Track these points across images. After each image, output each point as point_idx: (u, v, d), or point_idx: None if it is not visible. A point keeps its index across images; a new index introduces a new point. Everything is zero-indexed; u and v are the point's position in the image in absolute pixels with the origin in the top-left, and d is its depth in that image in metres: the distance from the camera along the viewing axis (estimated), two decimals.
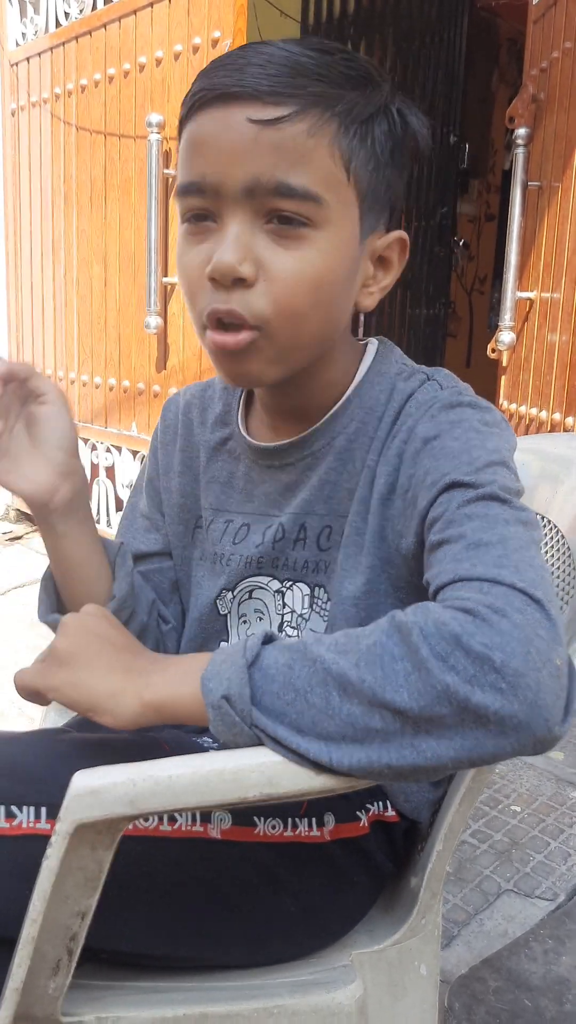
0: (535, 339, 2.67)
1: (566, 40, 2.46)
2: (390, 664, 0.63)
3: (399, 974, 0.91)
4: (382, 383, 0.90)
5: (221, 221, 0.79)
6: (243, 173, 0.77)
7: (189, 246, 0.82)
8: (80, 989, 0.77)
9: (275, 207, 0.77)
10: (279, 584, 0.94)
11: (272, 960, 0.86)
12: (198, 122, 0.80)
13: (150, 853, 0.78)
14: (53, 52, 3.45)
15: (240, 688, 0.66)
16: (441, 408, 0.84)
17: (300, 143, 0.77)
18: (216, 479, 1.00)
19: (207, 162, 0.78)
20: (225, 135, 0.77)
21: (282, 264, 0.78)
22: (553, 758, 2.15)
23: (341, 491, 0.90)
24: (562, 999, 1.41)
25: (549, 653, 0.61)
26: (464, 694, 0.60)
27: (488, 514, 0.72)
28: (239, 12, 2.73)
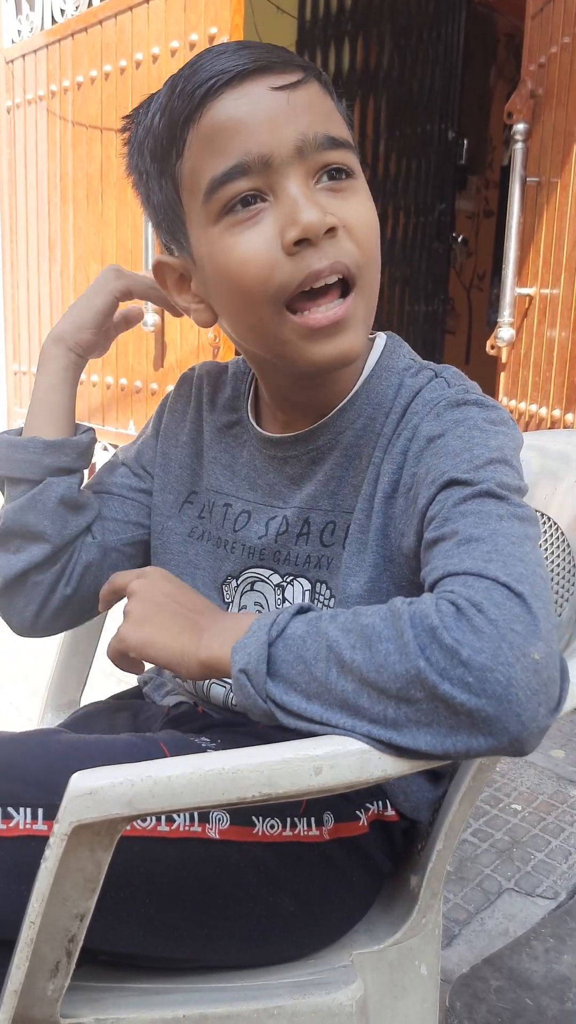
0: (534, 335, 2.66)
1: (564, 35, 2.46)
2: (377, 644, 0.66)
3: (400, 974, 0.91)
4: (390, 378, 0.90)
5: (275, 194, 0.79)
6: (290, 135, 0.78)
7: (240, 234, 0.80)
8: (79, 991, 0.77)
9: (325, 161, 0.80)
10: (280, 579, 0.93)
11: (272, 960, 0.85)
12: (218, 108, 0.79)
13: (148, 854, 0.77)
14: (49, 49, 3.45)
15: (258, 664, 0.70)
16: (447, 406, 0.84)
17: (321, 100, 0.82)
18: (218, 461, 1.00)
19: (247, 138, 0.78)
20: (259, 107, 0.78)
21: (350, 211, 0.80)
22: (554, 756, 2.14)
23: (347, 487, 0.89)
24: (564, 998, 1.40)
25: (525, 648, 0.62)
26: (433, 682, 0.62)
27: (482, 511, 0.73)
28: (236, 8, 2.72)
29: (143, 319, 1.00)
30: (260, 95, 0.79)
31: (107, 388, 3.42)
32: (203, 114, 0.80)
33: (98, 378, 3.46)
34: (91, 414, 3.52)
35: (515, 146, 2.60)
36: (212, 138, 0.79)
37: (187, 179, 0.83)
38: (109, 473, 1.07)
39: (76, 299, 1.01)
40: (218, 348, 2.91)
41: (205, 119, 0.80)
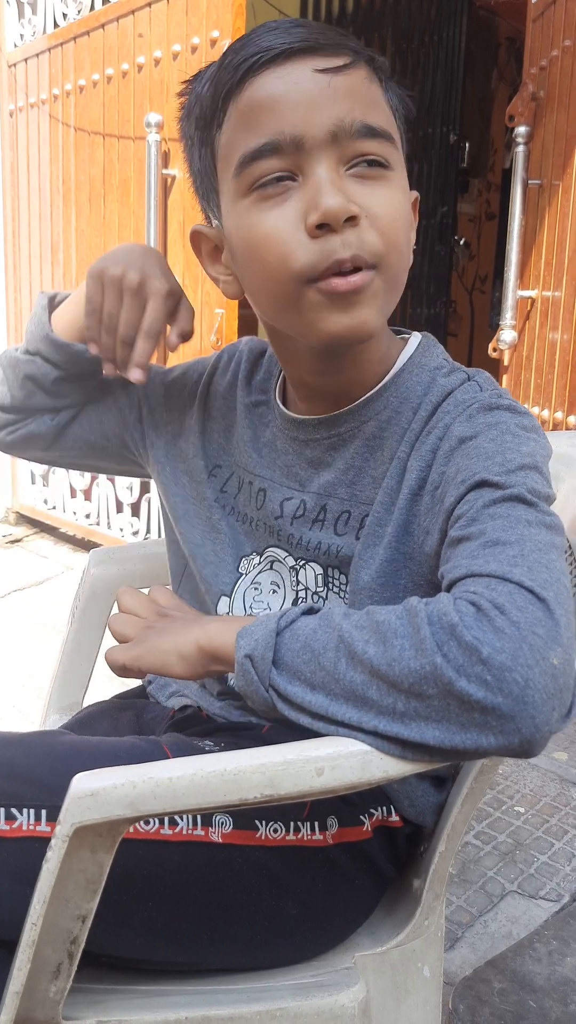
0: (536, 338, 2.66)
1: (565, 38, 2.46)
2: (392, 640, 0.66)
3: (402, 976, 0.90)
4: (421, 375, 0.90)
5: (304, 175, 0.79)
6: (326, 119, 0.78)
7: (267, 211, 0.80)
8: (81, 993, 0.77)
9: (360, 150, 0.80)
10: (293, 561, 0.94)
11: (274, 963, 0.85)
12: (256, 85, 0.79)
13: (151, 857, 0.77)
14: (51, 53, 3.45)
15: (264, 651, 0.70)
16: (479, 409, 0.84)
17: (366, 88, 0.81)
18: (243, 437, 1.01)
19: (281, 117, 0.78)
20: (298, 88, 0.78)
21: (378, 201, 0.80)
22: (557, 759, 2.14)
23: (366, 478, 0.89)
24: (567, 1000, 1.40)
25: (545, 651, 0.62)
26: (449, 678, 0.62)
27: (511, 515, 0.72)
28: (238, 12, 2.73)
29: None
30: (302, 75, 0.78)
31: None
32: (244, 88, 0.80)
33: None
34: None
35: (517, 149, 2.60)
36: (249, 113, 0.80)
37: (223, 150, 0.83)
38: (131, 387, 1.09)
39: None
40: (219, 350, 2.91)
41: (245, 93, 0.80)
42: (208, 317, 2.95)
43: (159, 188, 2.97)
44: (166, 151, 2.98)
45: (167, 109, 2.95)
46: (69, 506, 3.73)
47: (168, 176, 2.99)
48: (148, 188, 2.96)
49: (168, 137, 2.96)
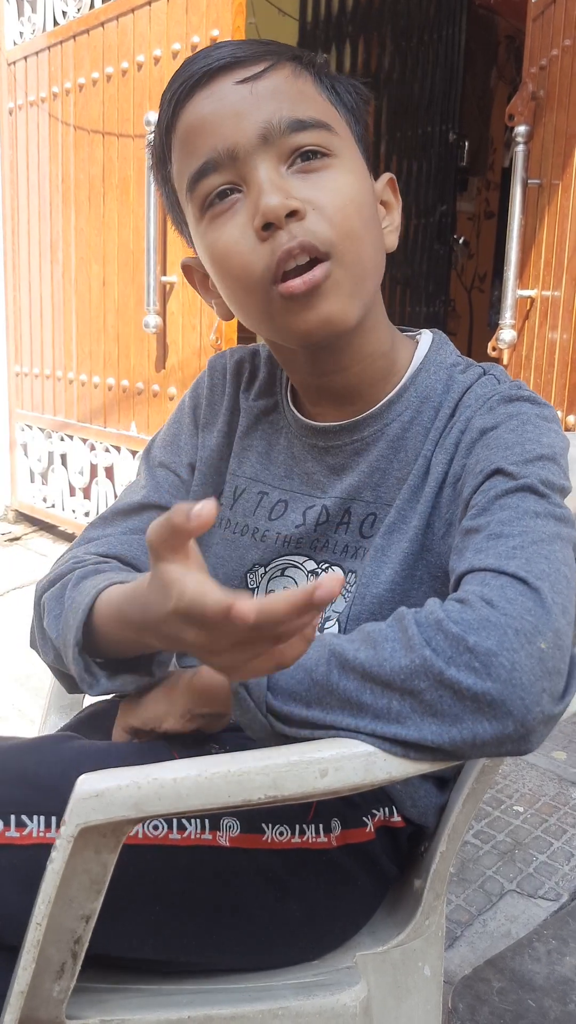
0: (536, 337, 2.66)
1: (565, 38, 2.46)
2: (382, 643, 0.68)
3: (403, 975, 0.91)
4: (439, 373, 0.91)
5: (247, 183, 0.81)
6: (253, 124, 0.79)
7: (222, 226, 0.82)
8: (84, 992, 0.77)
9: (295, 145, 0.80)
10: (315, 565, 0.93)
11: (277, 964, 0.86)
12: (188, 111, 0.82)
13: (159, 861, 0.77)
14: (51, 51, 3.45)
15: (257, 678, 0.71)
16: (500, 401, 0.85)
17: (291, 84, 0.82)
18: (252, 448, 0.99)
19: (213, 136, 0.80)
20: (223, 103, 0.80)
21: (321, 191, 0.81)
22: (555, 758, 2.14)
23: (390, 479, 0.90)
24: (566, 999, 1.41)
25: (532, 636, 0.64)
26: (439, 668, 0.64)
27: (520, 506, 0.74)
28: (237, 10, 2.73)
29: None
30: (225, 91, 0.80)
31: (108, 389, 3.42)
32: (179, 119, 0.83)
33: (99, 379, 3.46)
34: (92, 415, 3.53)
35: (516, 148, 2.60)
36: (186, 139, 0.83)
37: (177, 181, 0.87)
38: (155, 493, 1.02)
39: None
40: (219, 350, 2.91)
41: (181, 123, 0.83)
42: (207, 315, 2.95)
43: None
44: None
45: None
46: (68, 504, 3.73)
47: None
48: (147, 186, 2.96)
49: None
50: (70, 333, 3.59)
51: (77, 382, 3.59)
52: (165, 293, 3.08)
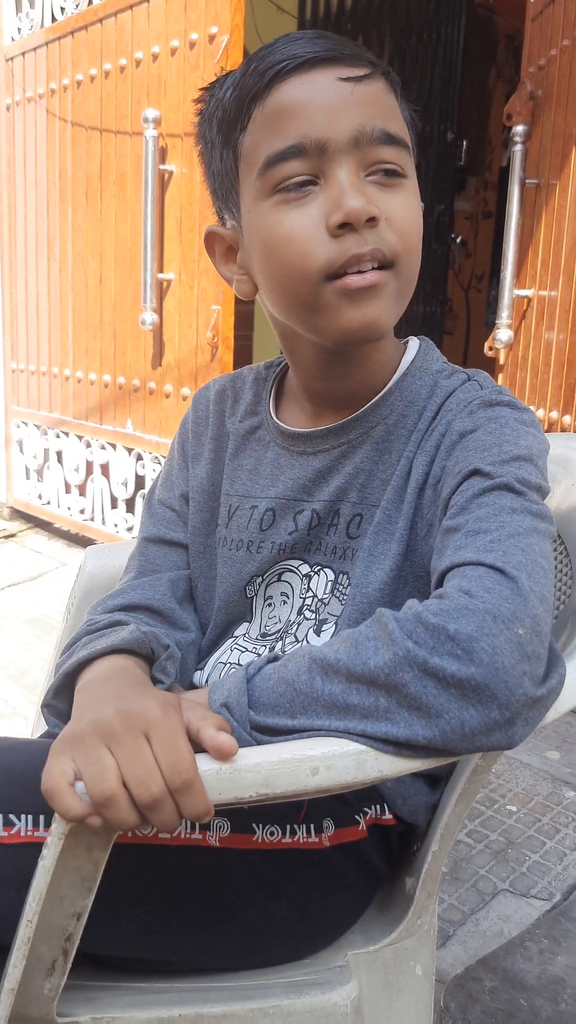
0: (532, 337, 2.66)
1: (564, 38, 2.46)
2: (363, 643, 0.69)
3: (394, 974, 0.91)
4: (424, 378, 0.93)
5: (326, 179, 0.81)
6: (348, 125, 0.80)
7: (288, 211, 0.82)
8: (75, 990, 0.77)
9: (379, 157, 0.82)
10: (308, 568, 0.94)
11: (267, 963, 0.86)
12: (283, 90, 0.82)
13: (149, 861, 0.77)
14: (49, 47, 3.44)
15: (239, 696, 0.71)
16: (480, 405, 0.87)
17: (385, 97, 0.84)
18: (243, 467, 1.01)
19: (306, 122, 0.81)
20: (322, 95, 0.81)
21: (396, 205, 0.83)
22: (549, 757, 2.15)
23: (375, 480, 0.91)
24: (557, 999, 1.41)
25: (510, 622, 0.65)
26: (422, 658, 0.64)
27: (497, 503, 0.75)
28: (236, 8, 2.72)
29: None
30: (326, 83, 0.81)
31: (105, 387, 3.42)
32: (270, 93, 0.82)
33: (96, 376, 3.46)
34: (89, 413, 3.53)
35: (514, 148, 2.60)
36: (275, 117, 0.82)
37: (247, 152, 0.85)
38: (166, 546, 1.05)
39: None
40: (216, 347, 2.91)
41: (271, 98, 0.82)
42: (204, 313, 2.94)
43: (156, 183, 2.96)
44: (163, 147, 2.98)
45: (165, 105, 2.95)
46: (64, 501, 3.73)
47: (165, 171, 2.99)
48: (145, 183, 2.96)
49: (165, 132, 2.95)
50: (66, 330, 3.58)
51: (73, 379, 3.59)
52: (162, 290, 3.08)
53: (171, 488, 1.06)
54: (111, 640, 0.84)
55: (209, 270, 2.91)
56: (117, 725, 0.65)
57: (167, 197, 3.01)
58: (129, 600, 0.98)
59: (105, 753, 0.63)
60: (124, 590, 1.00)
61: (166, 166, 2.98)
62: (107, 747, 0.64)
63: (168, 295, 3.08)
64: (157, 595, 0.99)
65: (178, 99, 2.91)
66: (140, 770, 0.62)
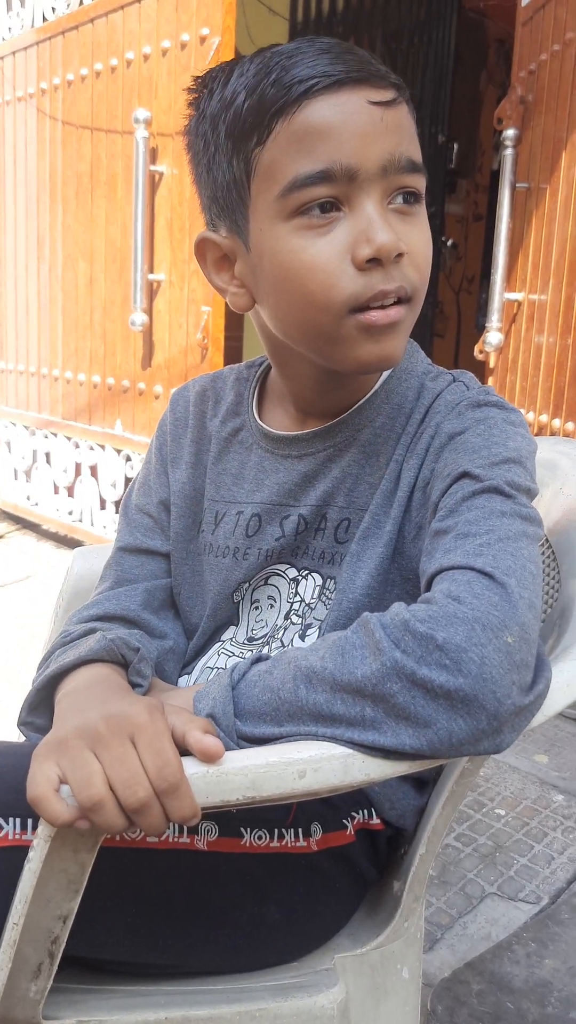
0: (523, 340, 2.67)
1: (554, 43, 2.47)
2: (350, 651, 0.68)
3: (381, 977, 0.91)
4: (410, 381, 0.92)
5: (351, 207, 0.79)
6: (379, 153, 0.79)
7: (312, 239, 0.80)
8: (61, 993, 0.77)
9: (403, 184, 0.81)
10: (296, 572, 0.94)
11: (255, 966, 0.85)
12: (314, 109, 0.78)
13: (137, 864, 0.77)
14: (39, 47, 3.44)
15: (224, 706, 0.71)
16: (468, 406, 0.86)
17: (408, 122, 0.83)
18: (227, 471, 0.99)
19: (337, 148, 0.78)
20: (354, 119, 0.78)
21: (415, 237, 0.82)
22: (537, 761, 2.15)
23: (363, 484, 0.90)
24: (544, 1002, 1.41)
25: (499, 631, 0.64)
26: (411, 669, 0.64)
27: (486, 506, 0.75)
28: (228, 9, 2.72)
29: None
30: (357, 106, 0.78)
31: (94, 387, 3.41)
32: (299, 111, 0.78)
33: (85, 377, 3.45)
34: (78, 413, 3.52)
35: (505, 152, 2.60)
36: (302, 137, 0.78)
37: (265, 168, 0.81)
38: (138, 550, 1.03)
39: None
40: (206, 349, 2.91)
41: (300, 116, 0.78)
42: (194, 314, 2.94)
43: (146, 184, 2.96)
44: (154, 147, 2.97)
45: (155, 105, 2.94)
46: (52, 503, 3.72)
47: (156, 172, 2.99)
48: (135, 184, 2.96)
49: (156, 133, 2.95)
50: (56, 330, 3.58)
51: (62, 379, 3.58)
52: (152, 291, 3.08)
53: (148, 493, 1.04)
54: (79, 652, 0.84)
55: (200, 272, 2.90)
56: (103, 729, 0.65)
57: (157, 198, 3.01)
58: (103, 611, 0.96)
59: (90, 757, 0.63)
60: (99, 601, 0.98)
61: (157, 167, 2.98)
62: (92, 751, 0.63)
63: (158, 296, 3.07)
64: (132, 606, 0.98)
65: (169, 100, 2.91)
66: (126, 773, 0.62)
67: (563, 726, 2.30)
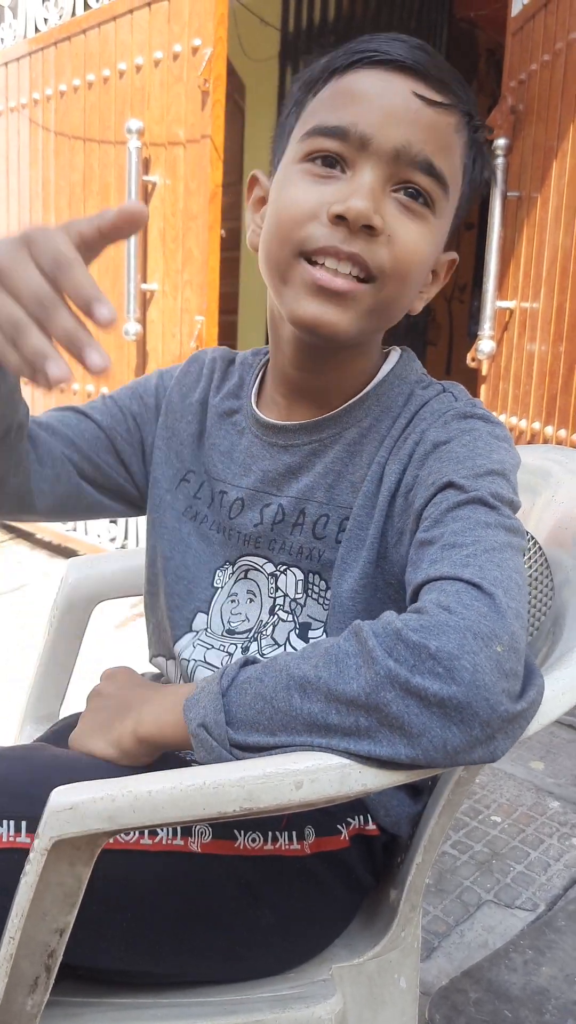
0: (515, 348, 2.68)
1: (545, 53, 2.48)
2: (344, 660, 0.68)
3: (379, 987, 0.91)
4: (401, 387, 0.93)
5: (353, 171, 0.82)
6: (397, 136, 0.81)
7: (305, 183, 0.83)
8: (58, 1006, 0.76)
9: (410, 179, 0.82)
10: (273, 567, 0.94)
11: (252, 975, 0.85)
12: (360, 75, 0.82)
13: (130, 867, 0.77)
14: (32, 57, 3.45)
15: (215, 715, 0.71)
16: (454, 417, 0.87)
17: (448, 133, 0.83)
18: (217, 447, 1.00)
19: (362, 113, 0.81)
20: (389, 96, 0.81)
21: (406, 229, 0.83)
22: (533, 768, 2.15)
23: (344, 483, 0.91)
24: (542, 1010, 1.41)
25: (489, 640, 0.65)
26: (404, 677, 0.64)
27: (472, 517, 0.75)
28: (220, 20, 2.73)
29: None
30: (400, 88, 0.81)
31: (88, 396, 3.41)
32: (348, 73, 0.83)
33: (79, 386, 3.45)
34: None
35: (496, 161, 2.62)
36: (340, 94, 0.83)
37: (305, 114, 0.86)
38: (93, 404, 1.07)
39: None
40: None
41: (347, 77, 0.83)
42: (188, 324, 2.95)
43: (139, 194, 2.97)
44: (147, 157, 2.98)
45: (148, 116, 2.95)
46: None
47: (148, 182, 2.99)
48: (128, 194, 2.96)
49: (149, 143, 2.96)
50: None
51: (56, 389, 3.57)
52: (145, 301, 3.08)
53: (127, 400, 1.06)
54: None
55: (192, 281, 2.91)
56: None
57: (150, 208, 3.02)
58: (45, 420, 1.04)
59: None
60: (50, 416, 1.05)
61: (149, 177, 2.99)
62: None
63: (151, 305, 3.08)
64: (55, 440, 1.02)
65: (161, 110, 2.91)
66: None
67: (559, 733, 2.30)
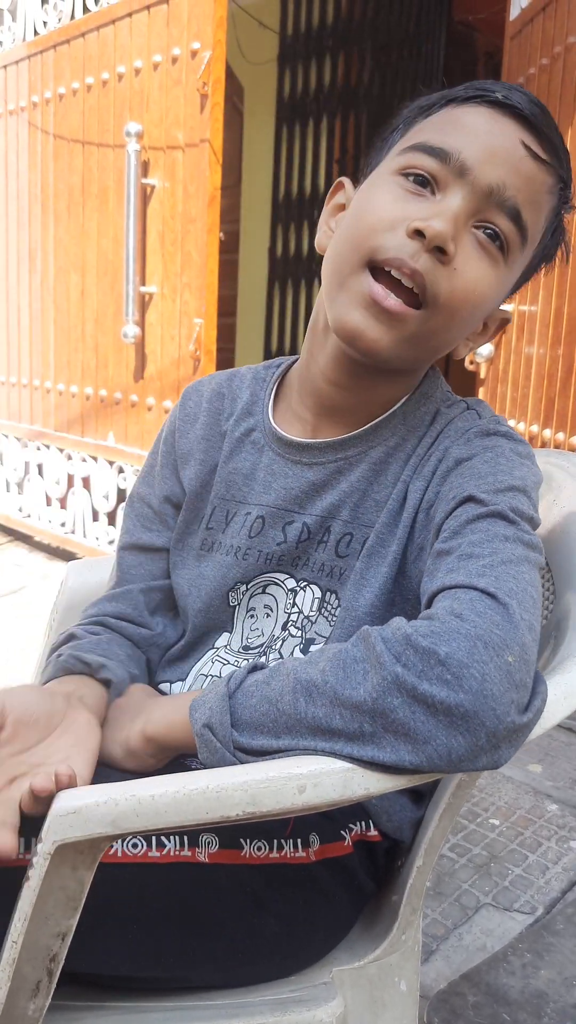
0: (513, 351, 2.68)
1: (543, 56, 2.49)
2: (351, 665, 0.68)
3: (379, 990, 0.91)
4: (428, 405, 0.93)
5: (443, 195, 0.83)
6: (496, 176, 0.82)
7: (393, 194, 0.84)
8: (60, 1010, 0.76)
9: (494, 220, 0.83)
10: (295, 583, 0.94)
11: (254, 980, 0.85)
12: (476, 110, 0.85)
13: (139, 879, 0.77)
14: (31, 60, 3.45)
15: (221, 716, 0.71)
16: (477, 434, 0.88)
17: (542, 191, 0.86)
18: (238, 471, 0.99)
19: (468, 143, 0.83)
20: (498, 136, 0.83)
21: (474, 266, 0.83)
22: (531, 771, 2.15)
23: (369, 501, 0.91)
24: (540, 1013, 1.41)
25: (500, 650, 0.65)
26: (412, 683, 0.64)
27: (490, 530, 0.76)
28: (219, 24, 2.74)
29: None
30: (511, 133, 0.83)
31: (86, 399, 3.41)
32: (465, 105, 0.85)
33: (77, 389, 3.45)
34: (70, 424, 3.52)
35: None
36: (450, 121, 0.85)
37: (412, 132, 0.88)
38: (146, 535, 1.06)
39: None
40: (199, 361, 2.91)
41: (463, 108, 0.85)
42: (187, 326, 2.95)
43: (138, 197, 2.97)
44: (145, 160, 2.98)
45: (147, 119, 2.95)
46: (44, 514, 3.72)
47: (147, 185, 3.00)
48: (127, 197, 2.96)
49: (148, 146, 2.96)
50: (48, 342, 3.58)
51: (55, 391, 3.58)
52: (144, 303, 3.08)
53: (151, 484, 1.06)
54: (46, 674, 0.90)
55: (192, 284, 2.91)
56: None
57: (149, 211, 3.02)
58: (101, 611, 1.02)
59: None
60: (99, 602, 1.03)
61: (148, 180, 2.99)
62: None
63: (150, 308, 3.08)
64: (127, 609, 1.02)
65: (160, 113, 2.92)
66: None
67: (557, 736, 2.30)
